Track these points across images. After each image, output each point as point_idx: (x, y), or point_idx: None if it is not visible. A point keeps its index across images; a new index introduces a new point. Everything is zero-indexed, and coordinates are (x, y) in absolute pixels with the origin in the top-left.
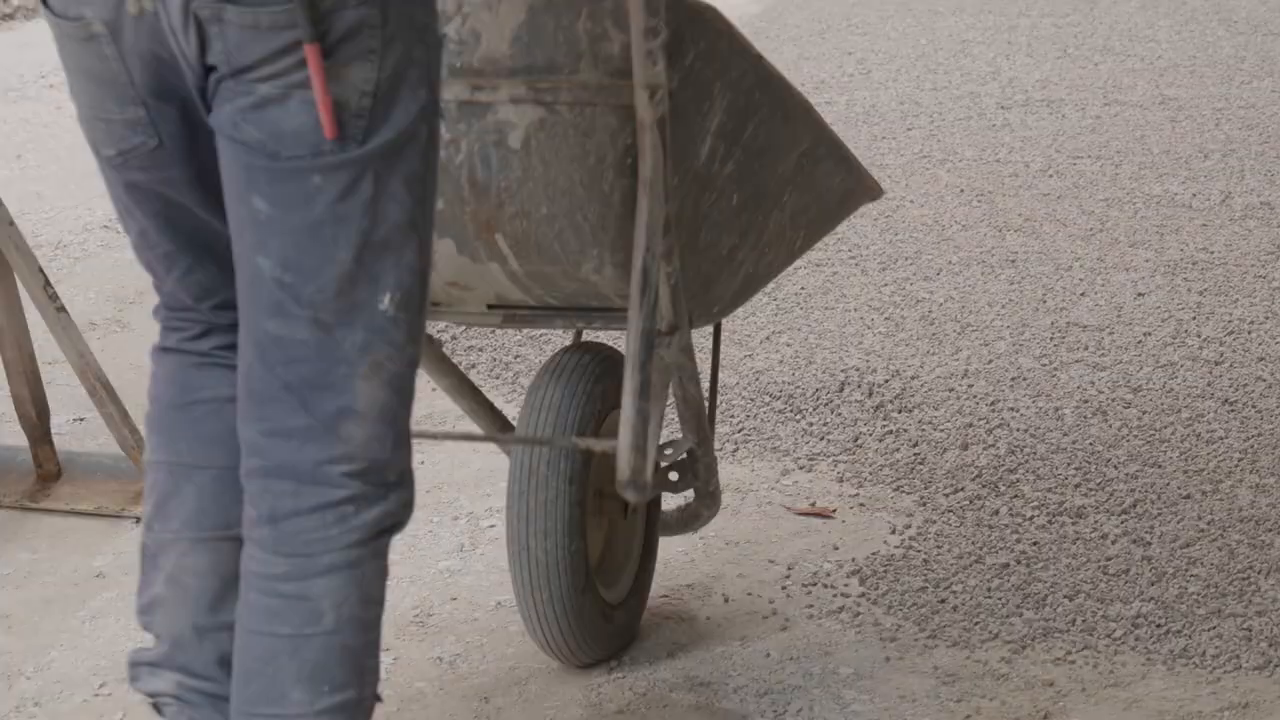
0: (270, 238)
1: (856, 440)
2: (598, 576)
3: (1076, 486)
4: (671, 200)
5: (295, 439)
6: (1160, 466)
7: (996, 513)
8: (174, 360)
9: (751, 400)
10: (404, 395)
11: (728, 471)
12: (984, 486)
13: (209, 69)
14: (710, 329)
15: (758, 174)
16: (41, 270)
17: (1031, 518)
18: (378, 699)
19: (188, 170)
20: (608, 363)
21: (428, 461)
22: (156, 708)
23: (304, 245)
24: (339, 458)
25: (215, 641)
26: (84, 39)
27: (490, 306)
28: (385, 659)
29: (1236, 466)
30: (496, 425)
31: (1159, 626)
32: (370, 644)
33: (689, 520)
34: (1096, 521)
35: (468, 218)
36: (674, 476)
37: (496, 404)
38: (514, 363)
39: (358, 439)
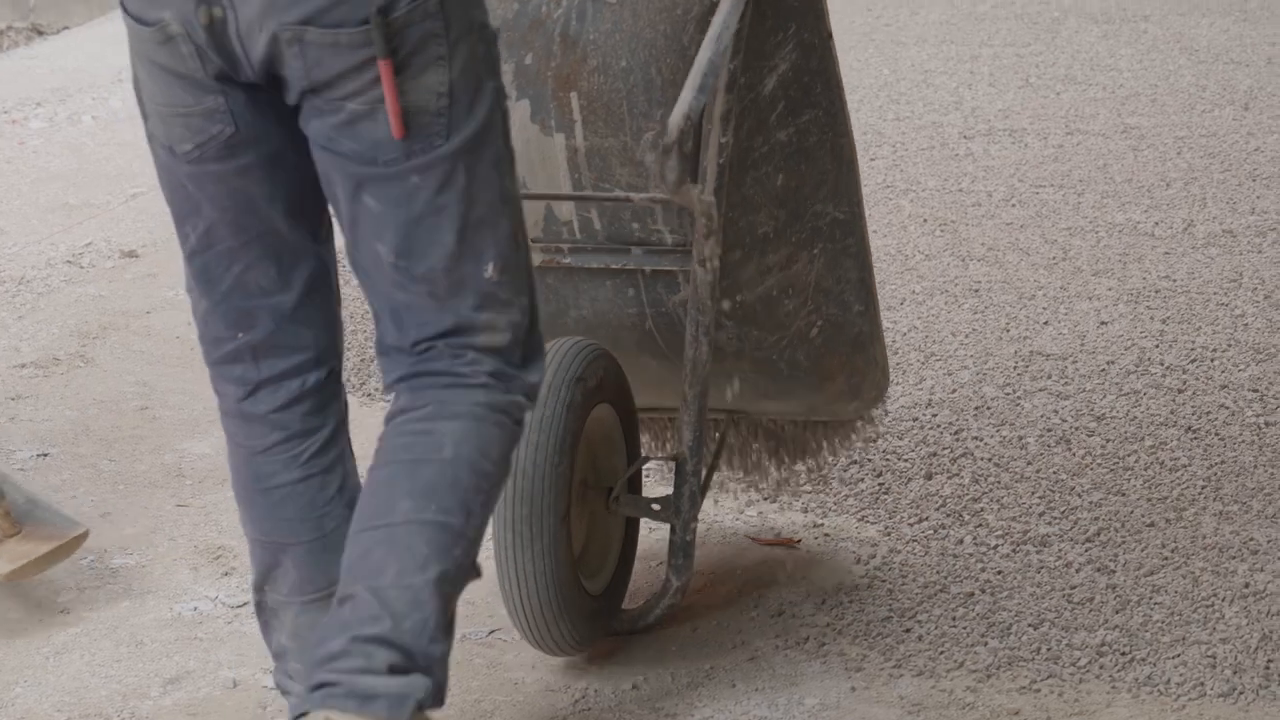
0: (384, 229)
1: (820, 470)
2: (580, 568)
3: (1040, 515)
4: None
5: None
6: (1124, 495)
7: (961, 542)
8: (234, 433)
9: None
10: (526, 326)
11: None
12: (948, 516)
13: (274, 76)
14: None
15: (801, 178)
16: None
17: (996, 546)
18: (476, 570)
19: (261, 155)
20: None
21: None
22: None
23: (413, 234)
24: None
25: None
26: (162, 41)
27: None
28: None
29: (1200, 494)
30: None
31: (1124, 654)
32: (479, 491)
33: (654, 603)
34: (1061, 550)
35: (550, 74)
36: (656, 507)
37: None
38: None
39: (488, 367)
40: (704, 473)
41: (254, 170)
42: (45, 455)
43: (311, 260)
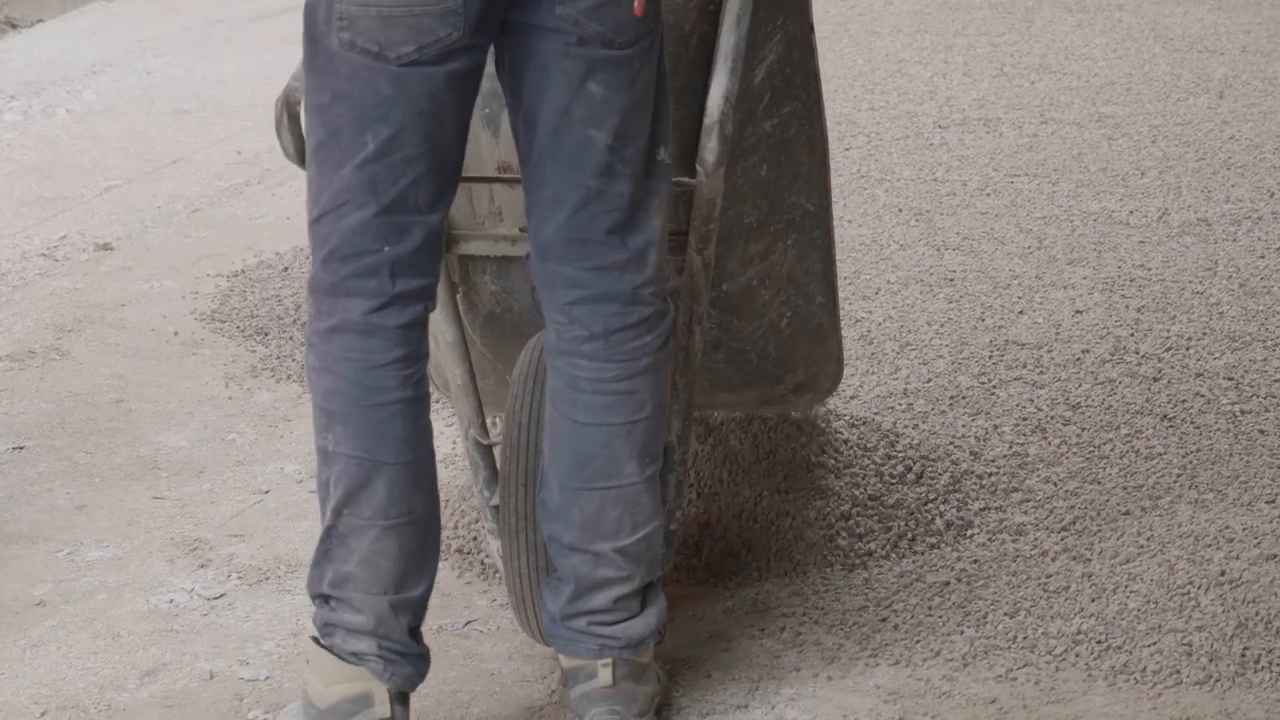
0: (605, 115)
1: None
2: None
3: (1016, 504)
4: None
5: (616, 270)
6: (1099, 483)
7: (937, 531)
8: (352, 347)
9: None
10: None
11: None
12: (924, 505)
13: None
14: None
15: (780, 169)
16: None
17: (971, 535)
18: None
19: (470, 64)
20: None
21: None
22: (356, 656)
23: (629, 119)
24: (648, 280)
25: (406, 614)
26: None
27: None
28: None
29: (1175, 482)
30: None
31: (1099, 643)
32: (664, 425)
33: None
34: (1037, 539)
35: None
36: None
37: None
38: None
39: (655, 264)
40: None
41: (459, 78)
42: (20, 449)
43: (456, 185)
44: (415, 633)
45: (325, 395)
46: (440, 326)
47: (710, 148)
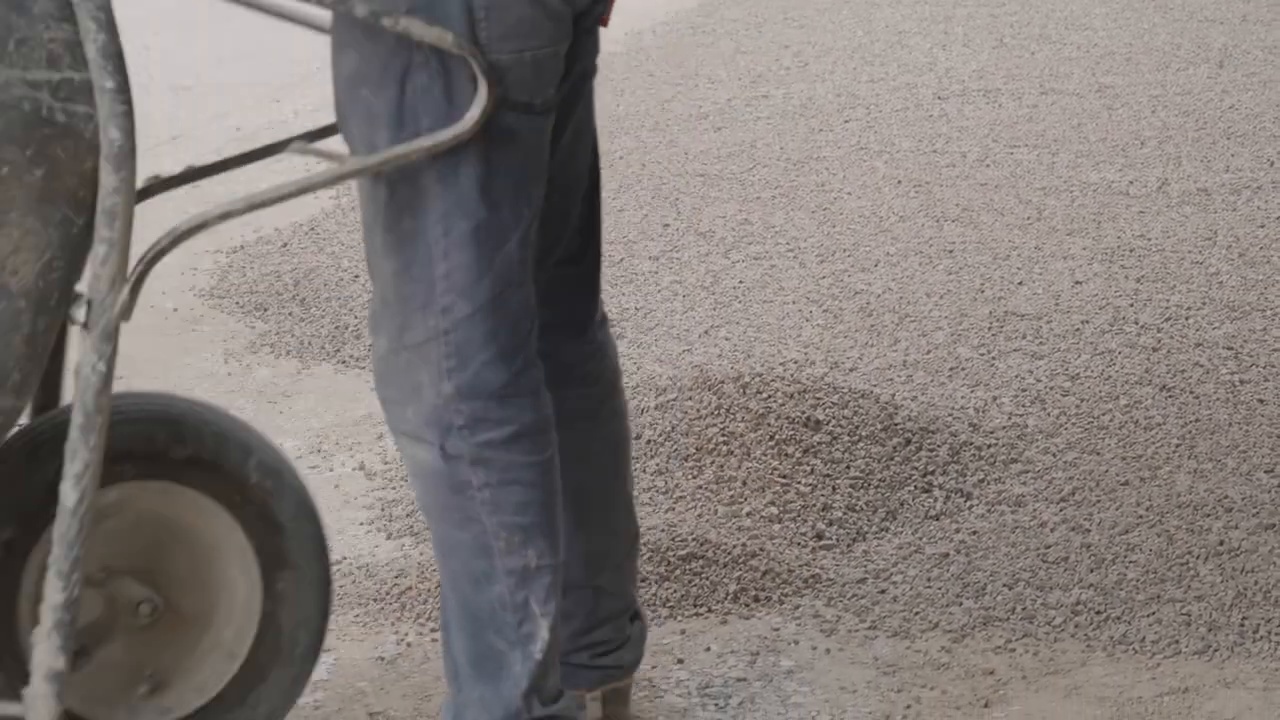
0: (589, 137)
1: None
2: None
3: (1015, 475)
4: None
5: None
6: (1098, 454)
7: (936, 502)
8: (534, 449)
9: (684, 395)
10: None
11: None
12: (923, 477)
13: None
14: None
15: None
16: None
17: (970, 507)
18: None
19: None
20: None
21: (381, 461)
22: None
23: (594, 137)
24: None
25: None
26: None
27: None
28: (327, 659)
29: (1174, 452)
30: None
31: (1098, 613)
32: None
33: None
34: (1035, 509)
35: None
36: None
37: None
38: None
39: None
40: None
41: (553, 114)
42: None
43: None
44: None
45: (517, 510)
46: None
47: None
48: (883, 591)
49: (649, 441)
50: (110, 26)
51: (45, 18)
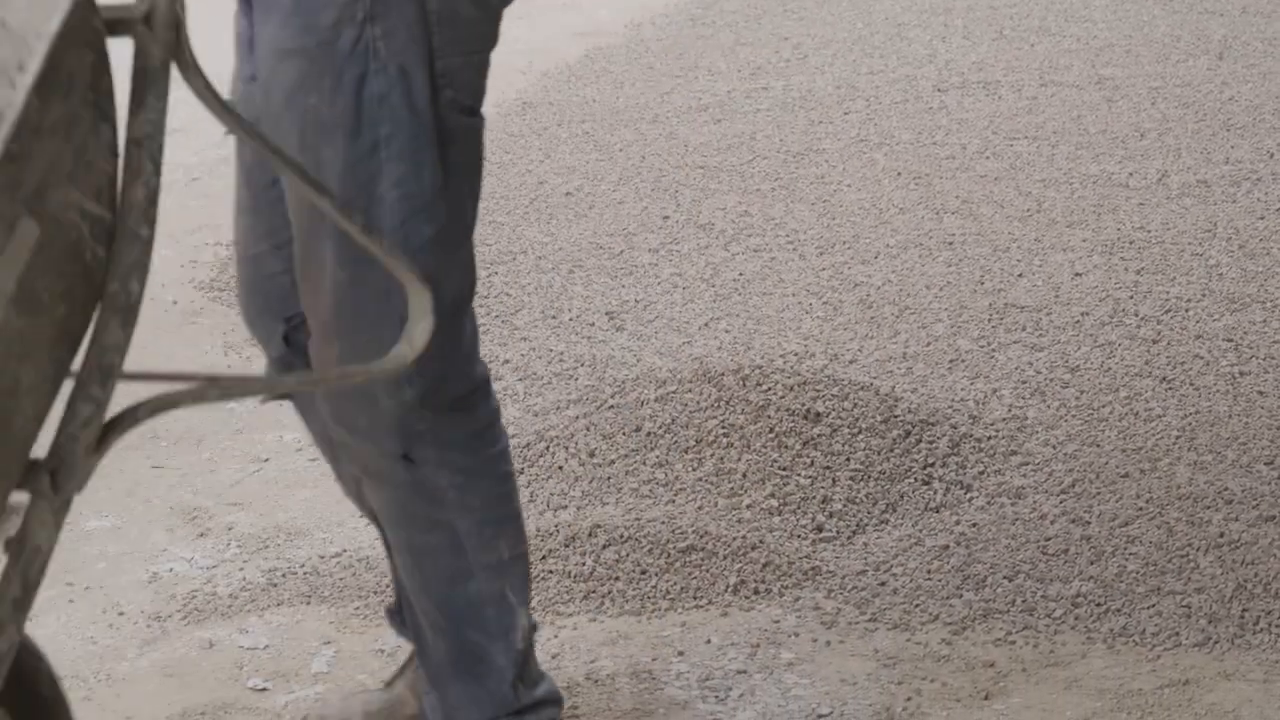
0: None
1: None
2: None
3: (1015, 467)
4: None
5: None
6: (1098, 446)
7: (936, 494)
8: (496, 440)
9: (684, 387)
10: None
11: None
12: (923, 469)
13: None
14: None
15: None
16: None
17: (970, 499)
18: None
19: None
20: None
21: None
22: None
23: None
24: None
25: None
26: None
27: None
28: (327, 652)
29: (1174, 444)
30: None
31: (1099, 605)
32: None
33: None
34: (1035, 502)
35: None
36: None
37: None
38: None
39: None
40: None
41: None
42: None
43: None
44: None
45: (486, 505)
46: None
47: None
48: (883, 584)
49: (649, 434)
50: (160, 170)
51: (105, 148)
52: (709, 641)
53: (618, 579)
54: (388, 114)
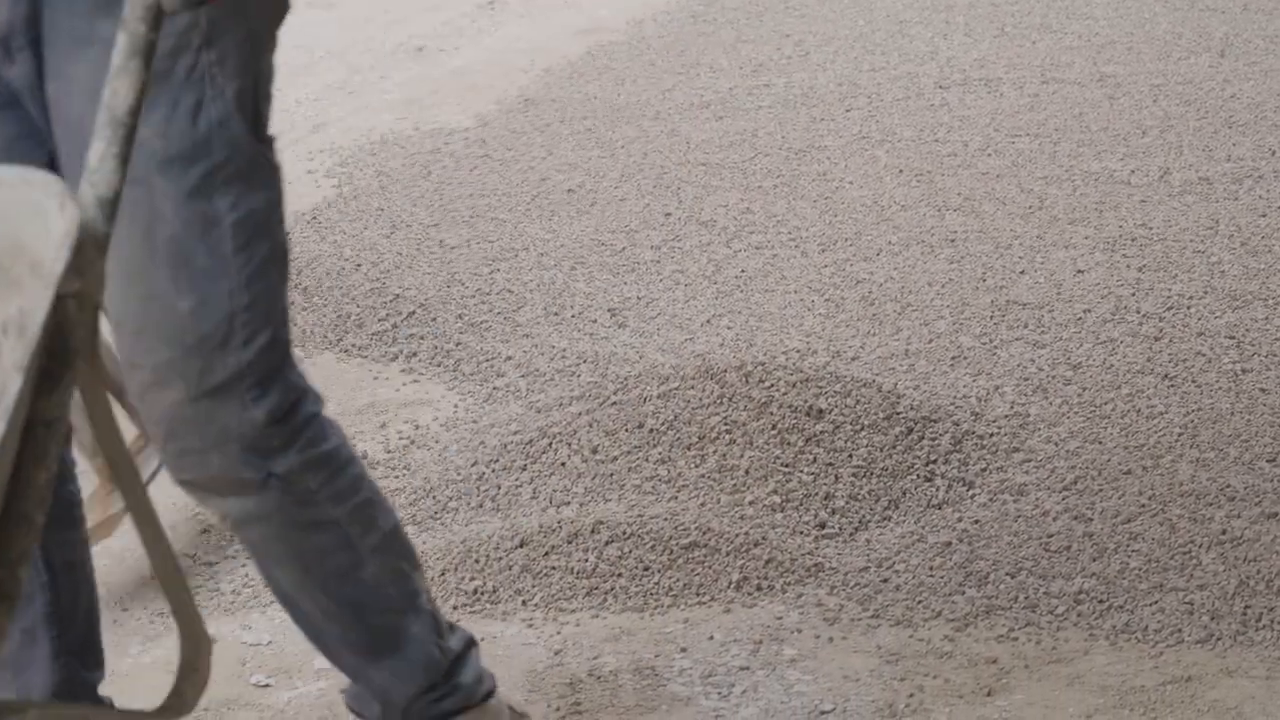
0: None
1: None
2: None
3: (1018, 464)
4: None
5: None
6: (1100, 442)
7: (938, 491)
8: (334, 424)
9: (686, 384)
10: None
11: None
12: (925, 465)
13: None
14: None
15: None
16: None
17: (973, 496)
18: None
19: None
20: None
21: (384, 450)
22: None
23: None
24: None
25: None
26: None
27: None
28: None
29: (1177, 441)
30: None
31: (1101, 602)
32: None
33: None
34: (1038, 498)
35: None
36: None
37: (438, 392)
38: (455, 350)
39: None
40: None
41: None
42: None
43: None
44: None
45: (353, 489)
46: None
47: None
48: (885, 580)
49: (651, 430)
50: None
51: None
52: (712, 638)
53: (620, 575)
54: (225, 139)
